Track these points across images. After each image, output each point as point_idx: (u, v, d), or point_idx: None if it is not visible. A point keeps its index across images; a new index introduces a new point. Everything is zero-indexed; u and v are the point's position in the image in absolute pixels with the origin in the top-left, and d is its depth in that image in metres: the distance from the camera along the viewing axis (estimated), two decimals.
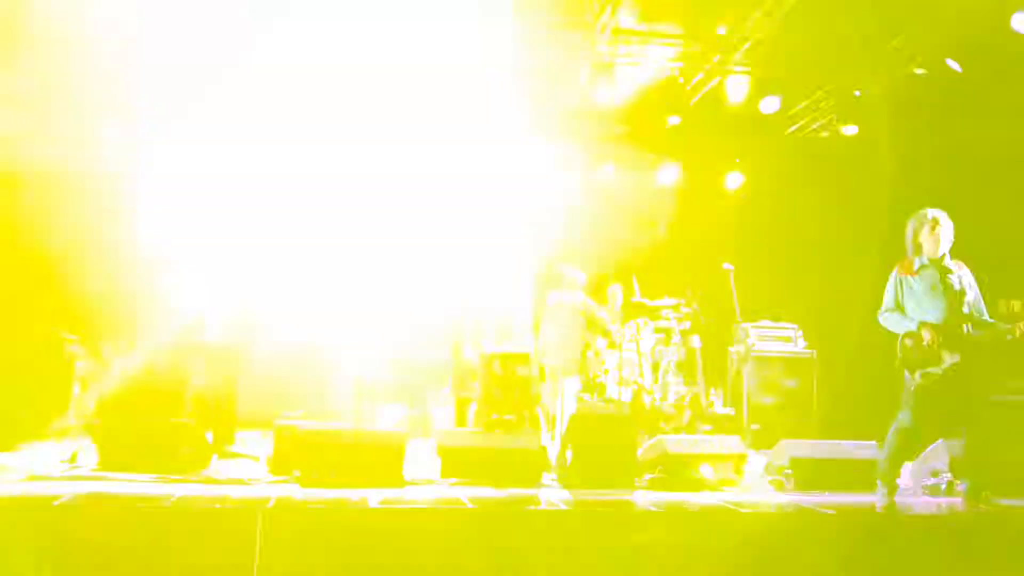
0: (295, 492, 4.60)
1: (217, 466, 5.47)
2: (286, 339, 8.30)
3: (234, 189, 7.16)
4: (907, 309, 4.94)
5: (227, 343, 6.16)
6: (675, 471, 5.24)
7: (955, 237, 4.96)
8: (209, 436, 5.72)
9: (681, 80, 9.41)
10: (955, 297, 4.85)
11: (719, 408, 8.51)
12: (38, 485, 4.53)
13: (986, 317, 4.90)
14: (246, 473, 5.29)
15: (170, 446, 5.17)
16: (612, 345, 7.52)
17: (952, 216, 4.99)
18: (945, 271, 4.91)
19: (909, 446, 4.91)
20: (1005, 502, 4.81)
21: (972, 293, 4.92)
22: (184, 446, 5.20)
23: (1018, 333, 4.70)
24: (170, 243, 6.77)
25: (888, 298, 5.03)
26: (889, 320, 4.99)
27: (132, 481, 4.72)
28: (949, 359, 4.75)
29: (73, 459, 5.23)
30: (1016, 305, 6.55)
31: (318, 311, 9.07)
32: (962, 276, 4.92)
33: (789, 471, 5.43)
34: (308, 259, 8.54)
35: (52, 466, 5.12)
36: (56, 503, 3.98)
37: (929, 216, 4.96)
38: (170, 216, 7.16)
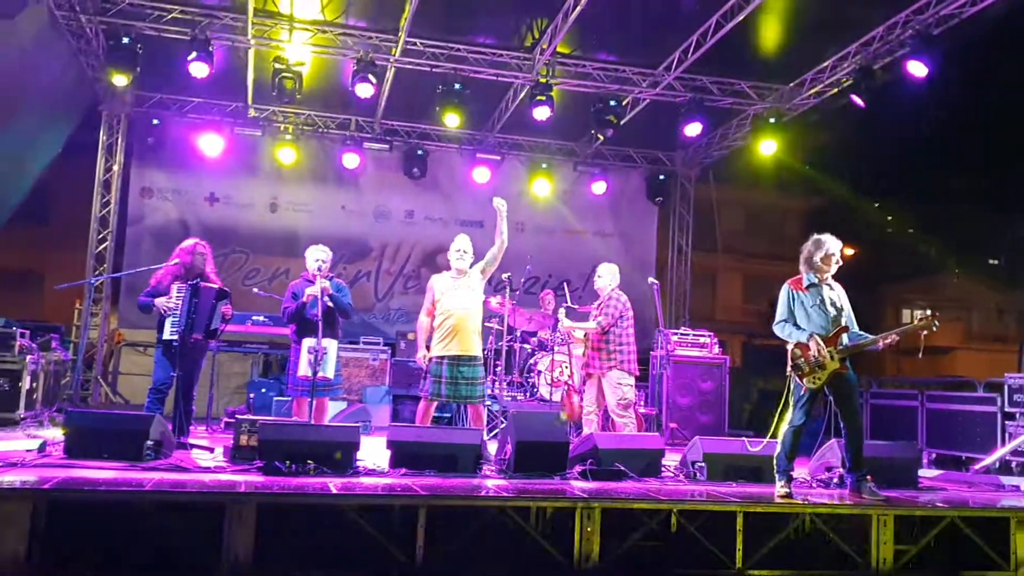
0: (258, 480, 5.00)
1: (178, 455, 5.81)
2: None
3: None
4: (797, 320, 5.65)
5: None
6: (603, 464, 5.82)
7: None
8: (169, 426, 6.04)
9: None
10: (837, 312, 5.60)
11: (641, 407, 9.20)
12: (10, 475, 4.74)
13: (858, 330, 5.65)
14: (209, 463, 5.67)
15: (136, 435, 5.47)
16: None
17: None
18: (828, 289, 5.65)
19: (801, 442, 5.59)
20: (885, 492, 5.54)
21: (847, 309, 5.68)
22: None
23: (887, 342, 5.46)
24: None
25: (781, 310, 5.72)
26: (783, 330, 5.69)
27: (102, 469, 5.03)
28: (831, 366, 5.48)
29: (40, 448, 5.47)
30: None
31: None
32: (840, 295, 5.69)
33: (702, 464, 6.09)
34: None
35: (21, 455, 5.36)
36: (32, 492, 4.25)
37: (822, 241, 5.68)
38: None
